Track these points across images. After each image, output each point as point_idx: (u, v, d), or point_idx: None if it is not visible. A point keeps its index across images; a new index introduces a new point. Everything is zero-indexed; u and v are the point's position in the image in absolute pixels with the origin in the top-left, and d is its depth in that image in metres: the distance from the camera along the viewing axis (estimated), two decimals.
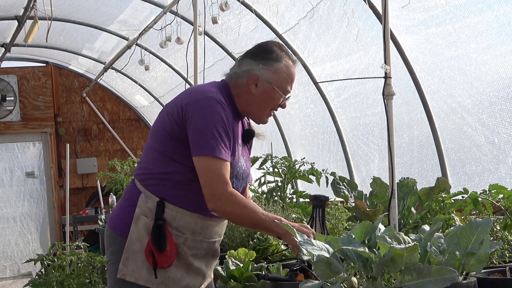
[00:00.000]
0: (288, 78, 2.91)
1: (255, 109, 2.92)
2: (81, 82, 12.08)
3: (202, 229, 2.86)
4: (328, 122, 7.04)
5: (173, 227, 2.80)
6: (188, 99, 2.80)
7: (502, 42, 4.84)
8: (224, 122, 2.75)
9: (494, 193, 3.68)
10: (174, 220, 2.80)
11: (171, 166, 2.80)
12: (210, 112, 2.74)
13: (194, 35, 6.05)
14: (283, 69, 2.89)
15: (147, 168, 2.87)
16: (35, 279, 5.55)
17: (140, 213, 2.81)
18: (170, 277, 2.81)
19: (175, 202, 2.81)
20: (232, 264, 3.12)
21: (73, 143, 11.89)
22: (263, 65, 2.88)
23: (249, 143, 3.07)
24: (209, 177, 2.72)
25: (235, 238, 4.05)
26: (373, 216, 3.83)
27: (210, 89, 2.84)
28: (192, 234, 2.84)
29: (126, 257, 2.81)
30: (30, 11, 7.39)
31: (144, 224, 2.79)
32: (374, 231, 2.49)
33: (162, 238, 2.76)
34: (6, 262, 11.63)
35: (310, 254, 2.37)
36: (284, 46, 2.97)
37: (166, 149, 2.81)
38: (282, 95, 2.90)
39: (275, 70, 2.88)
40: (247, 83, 2.89)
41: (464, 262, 2.38)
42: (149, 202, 2.81)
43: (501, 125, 4.94)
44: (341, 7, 5.60)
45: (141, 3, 8.38)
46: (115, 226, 2.90)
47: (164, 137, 2.81)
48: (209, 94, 2.79)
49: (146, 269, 2.79)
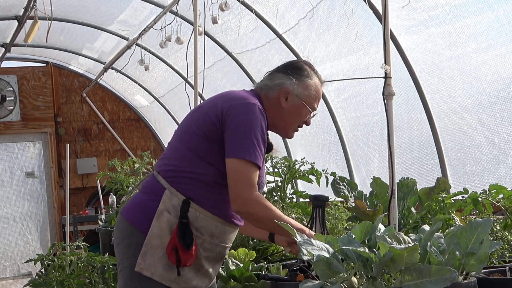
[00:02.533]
0: (316, 95, 2.99)
1: (283, 123, 2.98)
2: (81, 82, 12.08)
3: (220, 233, 2.88)
4: (328, 122, 7.04)
5: (194, 228, 2.82)
6: (230, 103, 2.83)
7: (502, 42, 4.84)
8: (263, 130, 2.81)
9: (494, 193, 3.68)
10: (196, 221, 2.82)
11: (201, 167, 2.82)
12: (252, 118, 2.79)
13: (194, 35, 6.05)
14: (313, 86, 2.98)
15: (175, 165, 2.87)
16: (35, 279, 5.55)
17: (164, 209, 2.81)
18: (183, 276, 2.81)
19: (200, 203, 2.82)
20: (232, 264, 3.13)
21: (73, 143, 11.89)
22: (296, 80, 2.95)
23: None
24: (238, 179, 2.76)
25: (235, 238, 4.05)
26: (373, 216, 3.83)
27: (250, 96, 2.89)
28: (210, 236, 2.86)
29: (145, 251, 2.81)
30: (30, 11, 7.39)
31: (167, 221, 2.80)
32: (374, 231, 2.49)
33: (189, 236, 2.77)
34: (6, 262, 11.63)
35: (310, 254, 2.37)
36: (313, 66, 3.05)
37: (199, 149, 2.83)
38: (310, 111, 2.97)
39: (306, 86, 2.96)
40: (278, 97, 2.95)
41: (464, 262, 2.38)
42: (173, 199, 2.82)
43: (501, 125, 4.94)
44: (341, 7, 5.60)
45: (141, 3, 8.38)
46: (133, 219, 2.88)
47: (199, 137, 2.83)
48: (251, 101, 2.84)
49: (162, 265, 2.80)
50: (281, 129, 3.00)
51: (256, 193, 2.77)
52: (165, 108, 11.26)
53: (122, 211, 2.98)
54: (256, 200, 2.77)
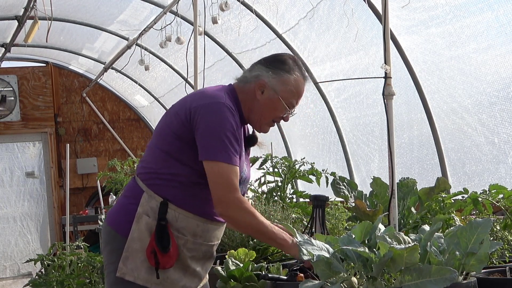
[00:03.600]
0: (295, 91, 2.90)
1: (257, 116, 2.92)
2: (81, 82, 12.08)
3: (203, 232, 2.86)
4: (328, 122, 7.04)
5: (175, 229, 2.80)
6: (198, 103, 2.80)
7: (502, 42, 4.84)
8: (233, 128, 2.75)
9: (494, 193, 3.68)
10: (176, 222, 2.80)
11: (177, 168, 2.80)
12: (220, 117, 2.74)
13: (194, 35, 6.05)
14: (291, 81, 2.89)
15: (151, 168, 2.86)
16: (35, 279, 5.56)
17: (142, 212, 2.80)
18: (168, 278, 2.80)
19: (178, 204, 2.80)
20: (232, 264, 3.12)
21: (73, 143, 11.89)
22: (272, 73, 2.90)
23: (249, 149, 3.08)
24: (219, 182, 2.72)
25: (235, 238, 4.05)
26: (373, 216, 3.83)
27: (220, 94, 2.84)
28: (193, 236, 2.83)
29: (126, 256, 2.80)
30: (30, 11, 7.39)
31: (146, 224, 2.78)
32: (374, 231, 2.49)
33: (166, 238, 2.76)
34: (6, 262, 11.63)
35: (310, 254, 2.38)
36: (299, 61, 2.98)
37: (172, 150, 2.81)
38: (286, 107, 2.90)
39: (284, 81, 2.89)
40: (254, 89, 2.90)
41: (464, 262, 2.38)
42: (152, 201, 2.80)
43: (501, 125, 4.94)
44: (341, 7, 5.60)
45: (141, 3, 8.38)
46: (114, 224, 2.88)
47: (171, 137, 2.81)
48: (219, 100, 2.79)
49: (145, 268, 2.78)
50: (255, 122, 2.94)
51: (238, 196, 2.73)
52: (165, 108, 11.26)
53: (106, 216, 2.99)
54: (238, 205, 2.73)
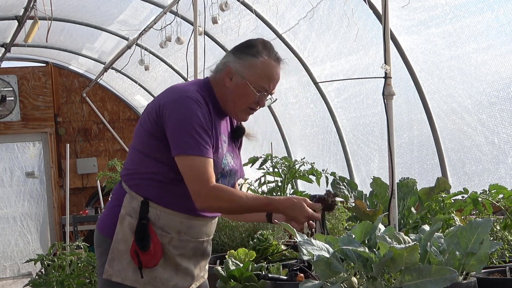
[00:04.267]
0: (264, 75, 2.84)
1: (231, 104, 2.88)
2: (81, 82, 12.08)
3: (188, 229, 2.84)
4: (328, 122, 7.04)
5: (158, 227, 2.79)
6: (165, 99, 2.79)
7: (502, 42, 4.84)
8: (200, 120, 2.72)
9: (494, 193, 3.68)
10: (158, 220, 2.79)
11: (153, 166, 2.80)
12: (186, 111, 2.72)
13: (194, 35, 6.05)
14: (258, 65, 2.83)
15: (131, 169, 2.87)
16: (35, 279, 5.55)
17: (125, 213, 2.80)
18: (157, 277, 2.79)
19: (159, 202, 2.80)
20: (232, 264, 3.12)
21: (73, 143, 11.89)
22: (238, 58, 2.85)
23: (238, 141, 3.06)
24: (191, 176, 2.71)
25: (235, 238, 4.06)
26: (373, 216, 3.83)
27: (188, 88, 2.83)
28: (178, 233, 2.82)
29: (112, 258, 2.80)
30: (30, 11, 7.39)
31: (129, 224, 2.79)
32: (374, 231, 2.49)
33: (146, 237, 2.75)
34: (6, 262, 11.63)
35: (310, 254, 2.37)
36: (270, 44, 2.91)
37: (147, 149, 2.81)
38: (255, 92, 2.84)
39: (250, 65, 2.84)
40: (224, 77, 2.87)
41: (464, 262, 2.38)
42: (133, 202, 2.81)
43: (501, 125, 4.94)
44: (341, 7, 5.60)
45: (141, 3, 8.38)
46: (102, 227, 2.90)
47: (145, 136, 2.81)
48: (185, 93, 2.77)
49: (132, 269, 2.78)
50: (231, 111, 2.90)
51: (213, 186, 2.70)
52: None
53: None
54: (215, 194, 2.71)
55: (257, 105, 2.90)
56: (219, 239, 4.07)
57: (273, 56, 2.87)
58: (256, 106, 2.90)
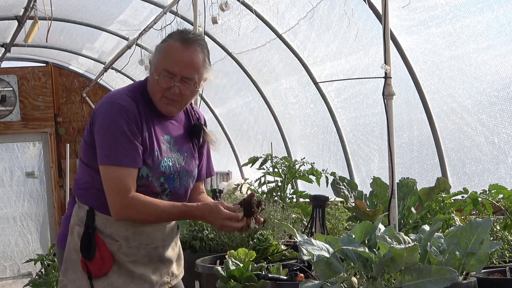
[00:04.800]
0: (167, 57, 2.73)
1: (153, 97, 2.79)
2: (81, 82, 12.08)
3: (135, 235, 2.79)
4: (328, 122, 7.04)
5: (106, 235, 2.76)
6: (96, 107, 2.77)
7: (502, 42, 4.84)
8: (122, 128, 2.66)
9: (494, 193, 3.68)
10: (105, 228, 2.76)
11: (94, 175, 2.77)
12: (108, 119, 2.67)
13: None
14: (163, 48, 2.76)
15: (77, 179, 2.88)
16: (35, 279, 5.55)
17: (74, 223, 2.80)
18: (113, 283, 2.76)
19: (102, 210, 2.77)
20: (232, 264, 3.12)
21: (73, 143, 11.88)
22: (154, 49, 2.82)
23: (199, 140, 2.96)
24: (108, 187, 2.68)
25: (235, 238, 4.05)
26: (373, 216, 3.83)
27: (117, 93, 2.78)
28: (126, 240, 2.78)
29: (65, 268, 2.79)
30: (30, 11, 7.39)
31: (78, 234, 2.78)
32: (374, 231, 2.49)
33: (91, 246, 2.72)
34: (6, 262, 11.63)
35: (310, 254, 2.37)
36: (185, 29, 2.84)
37: (86, 158, 2.80)
38: (155, 75, 2.74)
39: (157, 51, 2.79)
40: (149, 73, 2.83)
41: (464, 262, 2.38)
42: (81, 211, 2.80)
43: (501, 125, 4.94)
44: (341, 7, 5.60)
45: (141, 3, 8.38)
46: (58, 239, 2.92)
47: (85, 147, 2.80)
48: (112, 100, 2.73)
49: (86, 278, 2.76)
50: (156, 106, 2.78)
51: (130, 197, 2.65)
52: None
53: None
54: (131, 205, 2.66)
55: (166, 91, 2.75)
56: (219, 239, 4.08)
57: (179, 38, 2.75)
58: (169, 94, 2.75)
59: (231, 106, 9.67)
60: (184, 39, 2.74)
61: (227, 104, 9.73)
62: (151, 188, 2.75)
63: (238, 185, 5.54)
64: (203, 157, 3.01)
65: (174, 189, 2.82)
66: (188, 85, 2.77)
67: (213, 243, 4.09)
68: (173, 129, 2.86)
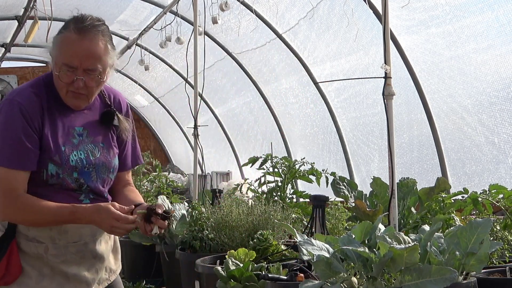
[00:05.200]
0: (64, 51, 2.57)
1: (59, 92, 2.63)
2: None
3: (60, 234, 2.66)
4: (328, 122, 7.05)
5: (30, 238, 2.64)
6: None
7: (502, 42, 4.84)
8: (16, 129, 2.54)
9: (494, 193, 3.68)
10: (28, 231, 2.64)
11: None
12: (3, 119, 2.57)
13: (194, 35, 6.05)
14: (59, 41, 2.60)
15: None
16: None
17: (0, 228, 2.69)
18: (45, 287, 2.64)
19: None
20: (232, 264, 3.12)
21: None
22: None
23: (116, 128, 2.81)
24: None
25: (235, 238, 4.05)
26: (373, 216, 3.83)
27: (21, 89, 2.65)
28: (52, 241, 2.65)
29: None
30: (30, 11, 7.40)
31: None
32: (374, 231, 2.49)
33: (2, 251, 2.61)
34: None
35: (310, 254, 2.37)
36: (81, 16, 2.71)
37: None
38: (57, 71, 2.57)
39: (54, 44, 2.62)
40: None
41: (464, 262, 2.38)
42: None
43: (501, 125, 4.94)
44: (341, 7, 5.60)
45: (141, 3, 8.38)
46: None
47: None
48: (12, 96, 2.61)
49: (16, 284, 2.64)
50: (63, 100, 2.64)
51: (14, 198, 2.55)
52: (165, 108, 11.26)
53: None
54: (16, 206, 2.56)
55: (70, 86, 2.59)
56: (219, 239, 4.07)
57: (75, 28, 2.60)
58: (74, 88, 2.59)
59: (231, 106, 9.68)
60: (79, 28, 2.60)
61: (227, 104, 9.73)
62: (65, 185, 2.63)
63: (238, 185, 5.54)
64: (127, 145, 2.83)
65: (91, 184, 2.68)
66: (92, 76, 2.63)
67: (213, 243, 4.09)
68: (86, 119, 2.73)
